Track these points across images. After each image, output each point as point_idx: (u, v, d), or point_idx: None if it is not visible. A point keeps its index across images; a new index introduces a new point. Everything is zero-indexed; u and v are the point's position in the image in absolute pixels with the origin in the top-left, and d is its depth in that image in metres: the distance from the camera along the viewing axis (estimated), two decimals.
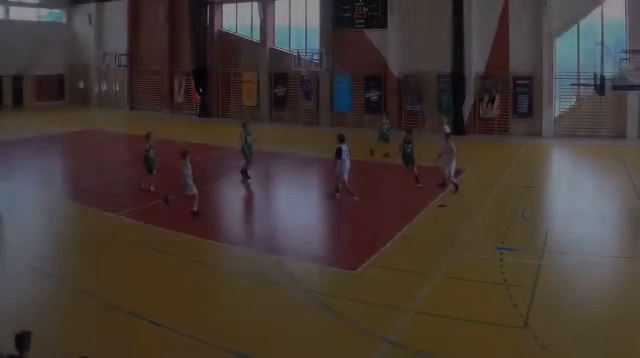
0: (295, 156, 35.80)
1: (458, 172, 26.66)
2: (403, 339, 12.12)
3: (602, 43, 26.26)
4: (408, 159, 26.84)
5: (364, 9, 49.35)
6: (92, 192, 26.56)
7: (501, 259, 16.60)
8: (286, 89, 53.17)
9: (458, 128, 43.67)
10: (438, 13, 45.30)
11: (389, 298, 14.17)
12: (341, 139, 23.97)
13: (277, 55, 53.88)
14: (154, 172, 25.41)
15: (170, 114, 58.96)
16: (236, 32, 56.76)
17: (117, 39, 63.08)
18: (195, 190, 21.39)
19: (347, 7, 49.91)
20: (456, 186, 24.96)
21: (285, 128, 49.34)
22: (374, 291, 14.77)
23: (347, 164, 23.57)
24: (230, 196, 26.18)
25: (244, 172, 27.98)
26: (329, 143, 26.19)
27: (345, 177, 23.44)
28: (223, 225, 22.03)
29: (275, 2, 54.21)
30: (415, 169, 26.33)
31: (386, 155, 32.30)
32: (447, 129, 31.00)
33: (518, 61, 44.13)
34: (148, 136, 26.22)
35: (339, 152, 23.42)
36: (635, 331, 12.47)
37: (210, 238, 19.46)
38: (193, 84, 56.63)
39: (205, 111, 56.23)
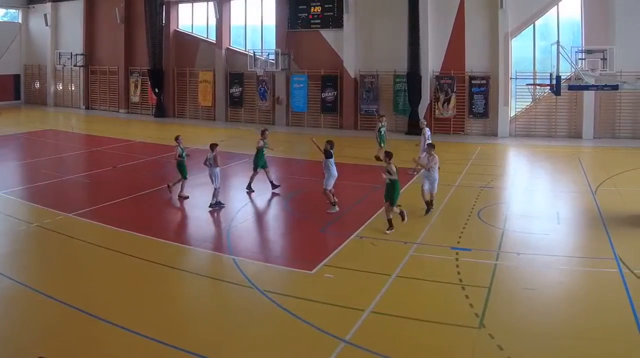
0: (251, 156, 32.45)
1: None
2: (359, 339, 11.67)
3: (558, 43, 24.43)
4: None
5: (320, 9, 47.55)
6: (46, 193, 25.21)
7: (457, 259, 16.08)
8: (242, 88, 51.06)
9: (414, 128, 41.39)
10: (394, 13, 43.50)
11: (345, 299, 13.69)
12: (331, 145, 21.62)
13: (233, 55, 51.77)
14: (187, 177, 23.72)
15: (126, 114, 56.77)
16: (192, 32, 54.40)
17: (73, 39, 60.35)
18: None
19: (304, 7, 47.98)
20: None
21: (240, 128, 47.40)
22: (330, 291, 14.29)
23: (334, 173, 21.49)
24: (189, 196, 24.14)
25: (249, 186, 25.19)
26: (286, 142, 25.78)
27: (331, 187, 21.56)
28: (179, 226, 21.26)
29: (231, 2, 51.86)
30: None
31: (377, 158, 30.01)
32: (429, 138, 28.32)
33: (474, 61, 42.40)
34: (177, 139, 24.04)
35: (328, 155, 21.35)
36: (591, 330, 12.06)
37: (166, 238, 18.58)
38: (149, 83, 54.31)
39: (161, 111, 54.05)
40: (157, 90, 53.61)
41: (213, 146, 22.11)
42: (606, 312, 12.89)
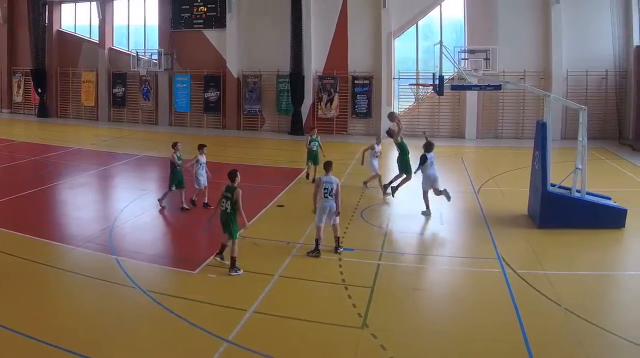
0: (135, 156, 29.46)
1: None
2: (241, 339, 10.23)
3: (441, 43, 21.31)
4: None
5: (203, 8, 40.70)
6: None
7: (340, 259, 14.41)
8: (125, 89, 43.52)
9: (297, 128, 36.68)
10: (277, 13, 37.62)
11: (228, 299, 12.17)
12: (327, 167, 14.91)
13: (116, 55, 44.10)
14: (184, 185, 19.05)
15: (9, 114, 48.66)
16: (75, 32, 46.39)
17: None
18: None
19: (186, 7, 41.01)
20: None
21: (124, 128, 41.13)
22: (212, 291, 12.70)
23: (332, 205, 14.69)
24: (70, 196, 21.54)
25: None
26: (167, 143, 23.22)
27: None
28: (61, 225, 18.12)
29: (114, 2, 44.23)
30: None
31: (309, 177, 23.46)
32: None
33: (357, 61, 36.91)
34: (176, 146, 19.21)
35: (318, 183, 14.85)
36: (475, 330, 10.71)
37: (47, 238, 15.98)
38: (32, 83, 46.35)
39: (44, 111, 45.93)
40: (40, 90, 45.75)
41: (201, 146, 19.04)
42: (490, 312, 11.58)
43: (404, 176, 19.96)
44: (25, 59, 46.48)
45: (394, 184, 20.16)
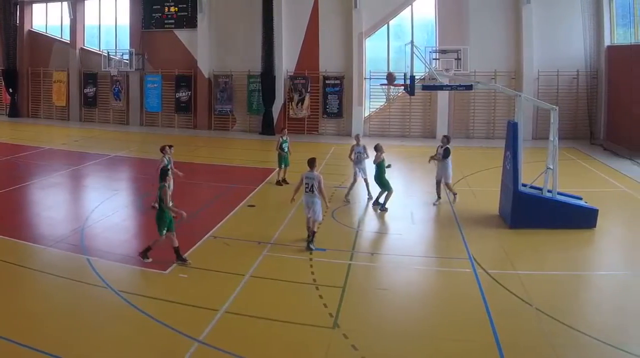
0: (106, 156, 28.57)
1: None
2: (213, 339, 9.99)
3: (412, 43, 20.27)
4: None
5: (174, 8, 38.86)
6: None
7: (311, 259, 14.02)
8: (96, 89, 41.49)
9: (268, 128, 35.04)
10: (249, 13, 36.09)
11: (199, 299, 11.65)
12: (310, 164, 15.27)
13: (87, 55, 42.00)
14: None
15: None
16: (46, 32, 44.27)
17: None
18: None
19: (158, 7, 39.14)
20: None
21: (95, 128, 39.42)
22: (184, 291, 12.15)
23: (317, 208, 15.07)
24: (42, 196, 20.79)
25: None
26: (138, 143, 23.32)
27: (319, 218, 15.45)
28: (32, 225, 17.37)
29: (85, 1, 42.15)
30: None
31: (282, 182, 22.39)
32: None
33: (328, 61, 35.40)
34: (164, 150, 18.20)
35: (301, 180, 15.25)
36: (446, 330, 10.51)
37: (18, 237, 15.47)
38: (3, 83, 44.33)
39: (15, 111, 43.84)
40: (11, 90, 43.76)
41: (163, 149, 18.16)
42: (461, 312, 11.21)
43: (386, 192, 18.79)
44: None
45: (381, 200, 18.99)
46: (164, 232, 13.43)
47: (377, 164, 18.60)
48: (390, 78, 21.11)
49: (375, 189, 19.30)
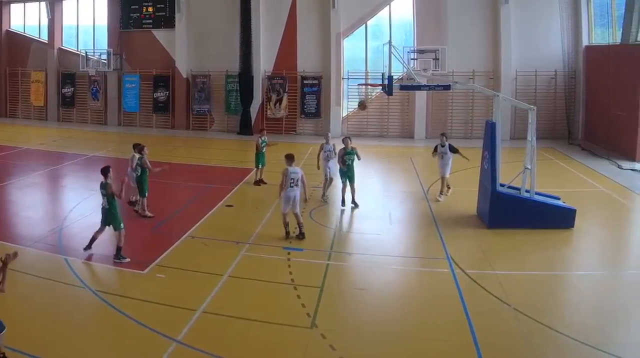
0: (84, 156, 27.83)
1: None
2: (190, 339, 9.87)
3: (390, 43, 20.39)
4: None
5: (152, 9, 37.64)
6: None
7: (289, 259, 13.72)
8: (74, 89, 40.13)
9: (246, 128, 34.11)
10: (227, 13, 35.04)
11: (177, 299, 11.49)
12: (290, 159, 15.41)
13: (65, 55, 40.61)
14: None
15: None
16: (24, 32, 42.80)
17: None
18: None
19: (136, 7, 37.84)
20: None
21: (73, 128, 38.30)
22: (162, 291, 11.97)
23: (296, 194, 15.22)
24: (19, 196, 20.37)
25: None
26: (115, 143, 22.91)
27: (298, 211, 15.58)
28: (10, 225, 16.97)
29: (63, 1, 40.77)
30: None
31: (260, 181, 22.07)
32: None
33: (306, 61, 34.43)
34: (140, 149, 17.50)
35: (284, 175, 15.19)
36: (424, 330, 10.39)
37: None
38: None
39: None
40: None
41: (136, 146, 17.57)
42: (439, 312, 11.03)
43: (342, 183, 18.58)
44: None
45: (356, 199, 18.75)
46: (122, 225, 13.38)
47: (347, 152, 18.32)
48: (362, 106, 20.80)
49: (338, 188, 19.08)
